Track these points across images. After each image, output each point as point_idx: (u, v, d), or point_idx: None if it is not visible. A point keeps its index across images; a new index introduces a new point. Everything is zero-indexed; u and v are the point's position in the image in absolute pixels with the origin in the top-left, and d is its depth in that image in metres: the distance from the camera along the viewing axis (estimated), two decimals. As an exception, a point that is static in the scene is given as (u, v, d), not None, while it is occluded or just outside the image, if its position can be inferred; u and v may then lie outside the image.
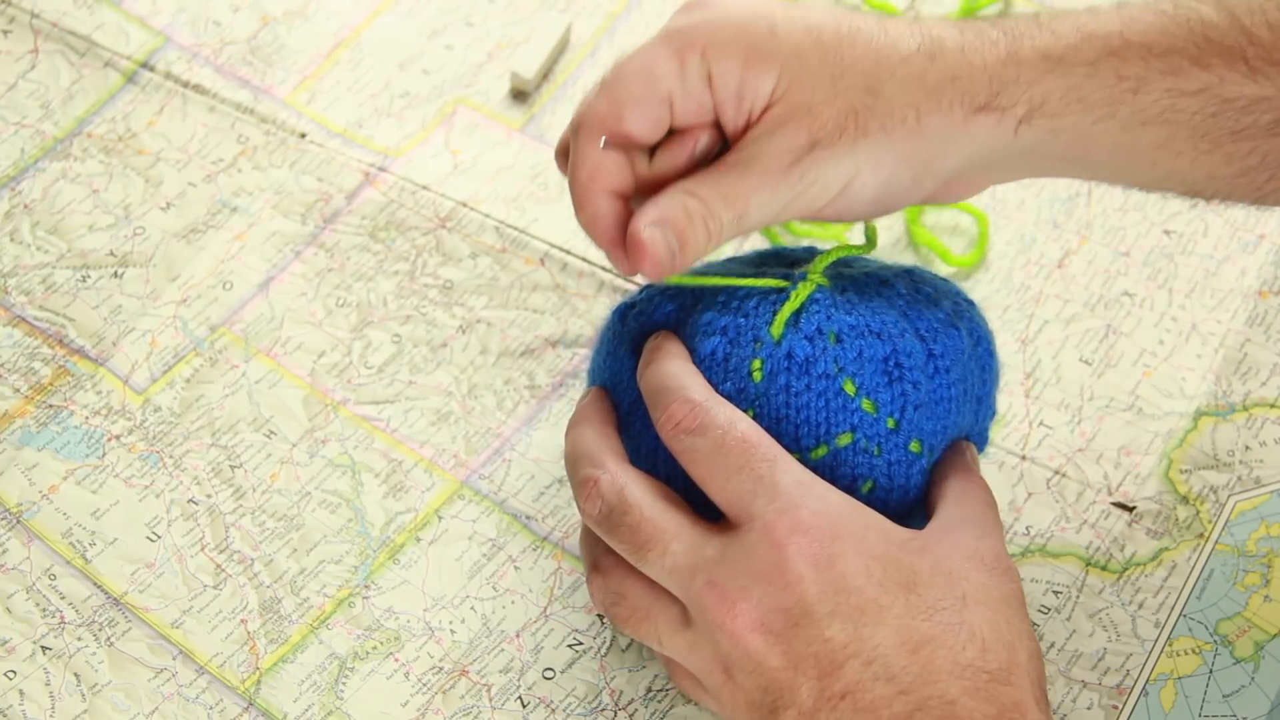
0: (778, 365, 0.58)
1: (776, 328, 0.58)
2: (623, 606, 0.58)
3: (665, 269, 0.57)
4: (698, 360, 0.59)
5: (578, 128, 0.58)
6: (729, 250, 0.76)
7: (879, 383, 0.58)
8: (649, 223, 0.56)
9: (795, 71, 0.56)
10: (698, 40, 0.56)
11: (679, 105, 0.57)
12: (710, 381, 0.58)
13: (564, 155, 0.59)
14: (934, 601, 0.53)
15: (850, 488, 0.58)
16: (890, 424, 0.58)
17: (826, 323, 0.58)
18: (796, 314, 0.59)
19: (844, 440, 0.58)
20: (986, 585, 0.55)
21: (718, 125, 0.58)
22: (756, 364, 0.58)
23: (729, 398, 0.58)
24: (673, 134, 0.58)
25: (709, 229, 0.57)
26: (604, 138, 0.57)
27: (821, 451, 0.58)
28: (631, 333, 0.62)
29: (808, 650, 0.53)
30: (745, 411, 0.58)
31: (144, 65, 0.82)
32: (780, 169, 0.56)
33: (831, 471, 0.58)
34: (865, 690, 0.52)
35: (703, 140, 0.58)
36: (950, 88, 0.56)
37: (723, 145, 0.59)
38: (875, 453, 0.58)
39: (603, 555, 0.59)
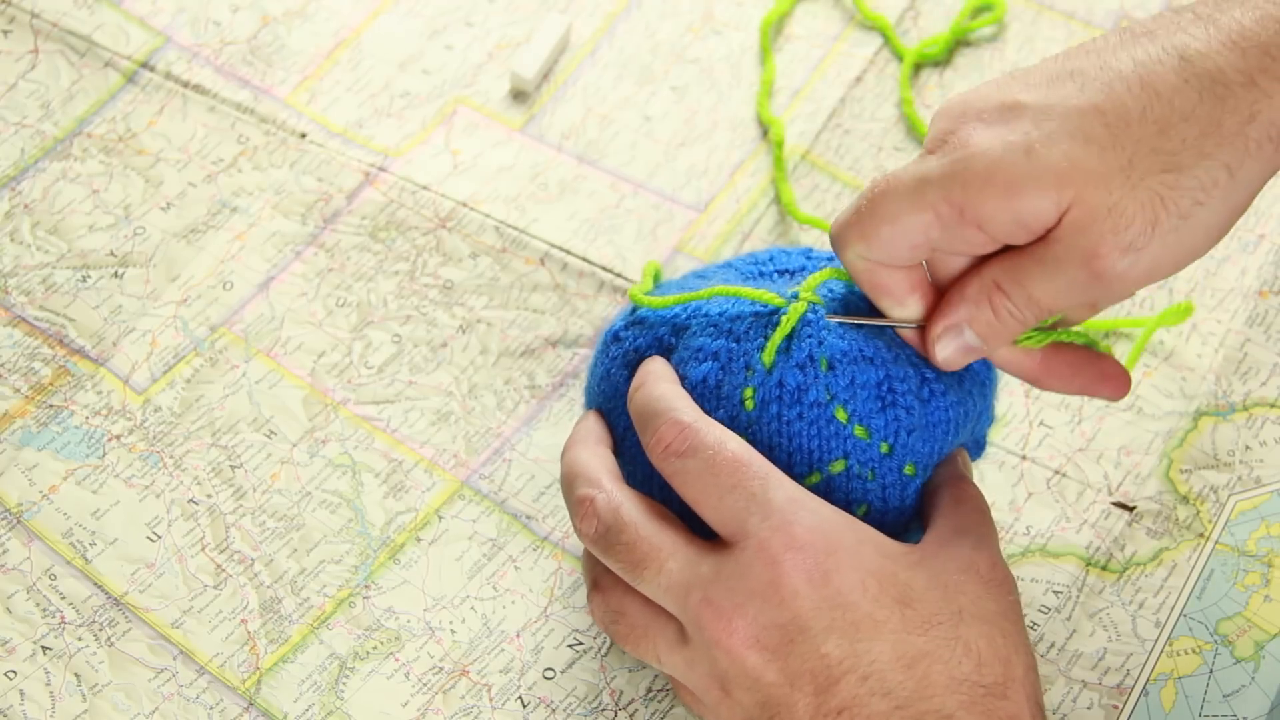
0: (769, 394, 0.58)
1: (768, 355, 0.58)
2: (622, 624, 0.58)
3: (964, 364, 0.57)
4: (689, 386, 0.59)
5: (844, 266, 0.57)
6: (727, 252, 0.76)
7: (871, 409, 0.58)
8: (942, 331, 0.56)
9: (1076, 177, 0.51)
10: (952, 193, 0.52)
11: (948, 247, 0.55)
12: (702, 408, 0.58)
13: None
14: (929, 616, 0.53)
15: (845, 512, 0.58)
16: (884, 449, 0.58)
17: (818, 349, 0.58)
18: (788, 339, 0.58)
19: (837, 467, 0.58)
20: (982, 598, 0.55)
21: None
22: (748, 392, 0.58)
23: (723, 423, 0.58)
24: None
25: (1015, 320, 0.55)
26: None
27: (815, 479, 0.58)
28: (625, 354, 0.62)
29: (804, 666, 0.53)
30: (740, 437, 0.58)
31: (144, 65, 0.82)
32: (1090, 275, 0.52)
33: (826, 497, 0.57)
34: (862, 705, 0.52)
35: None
36: (1254, 128, 0.51)
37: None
38: (869, 478, 0.58)
39: (602, 574, 0.59)
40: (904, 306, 0.57)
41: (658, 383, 0.59)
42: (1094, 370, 0.58)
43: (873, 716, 0.52)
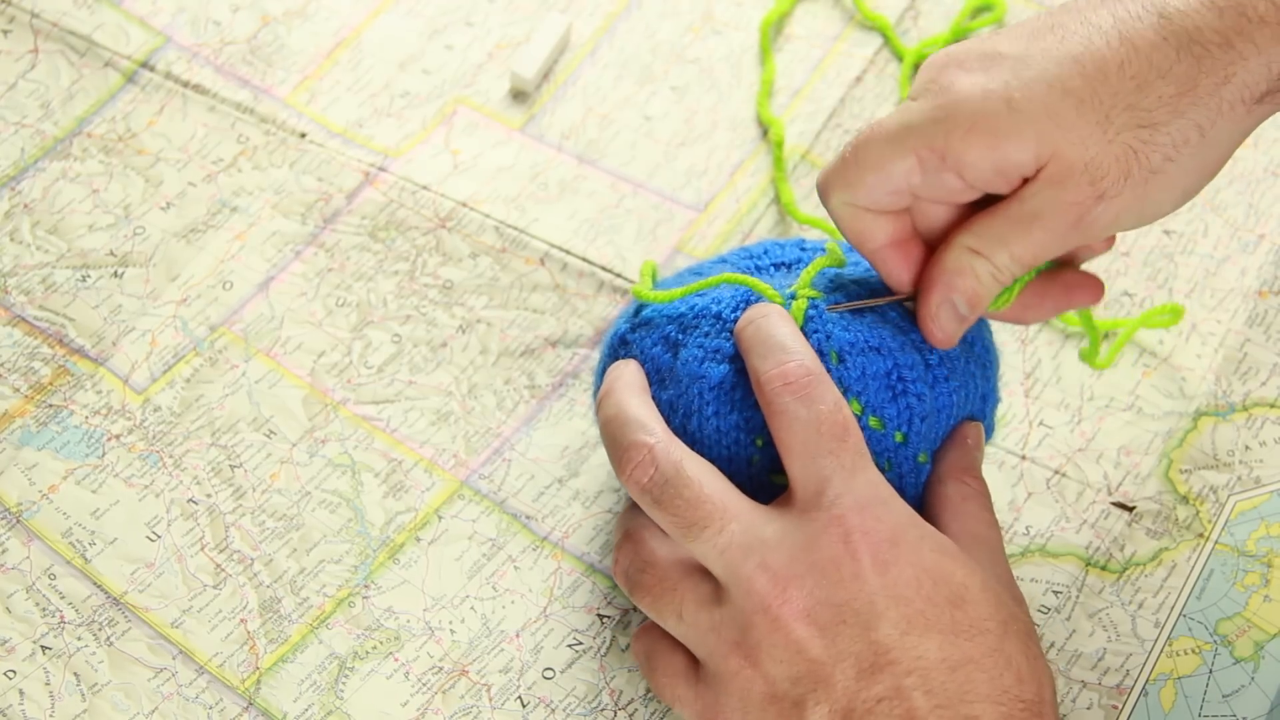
0: None
1: None
2: (649, 575, 0.57)
3: (959, 335, 0.58)
4: (707, 387, 0.58)
5: (827, 209, 0.58)
6: (728, 246, 0.76)
7: (884, 399, 0.58)
8: (937, 307, 0.57)
9: (1055, 133, 0.53)
10: (935, 139, 0.54)
11: (925, 194, 0.56)
12: (719, 410, 0.58)
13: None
14: (978, 621, 0.53)
15: None
16: (899, 438, 0.58)
17: (827, 342, 0.58)
18: None
19: None
20: (1018, 616, 0.55)
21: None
22: None
23: (738, 427, 0.58)
24: None
25: (997, 282, 0.56)
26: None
27: None
28: (634, 357, 0.62)
29: (850, 648, 0.52)
30: (755, 441, 0.58)
31: (144, 65, 0.82)
32: (1068, 223, 0.54)
33: None
34: (903, 697, 0.52)
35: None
36: (1228, 89, 0.52)
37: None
38: (886, 468, 0.58)
39: (639, 527, 0.59)
40: (884, 251, 0.58)
41: (782, 322, 0.58)
42: (1058, 287, 0.59)
43: (913, 711, 0.51)
